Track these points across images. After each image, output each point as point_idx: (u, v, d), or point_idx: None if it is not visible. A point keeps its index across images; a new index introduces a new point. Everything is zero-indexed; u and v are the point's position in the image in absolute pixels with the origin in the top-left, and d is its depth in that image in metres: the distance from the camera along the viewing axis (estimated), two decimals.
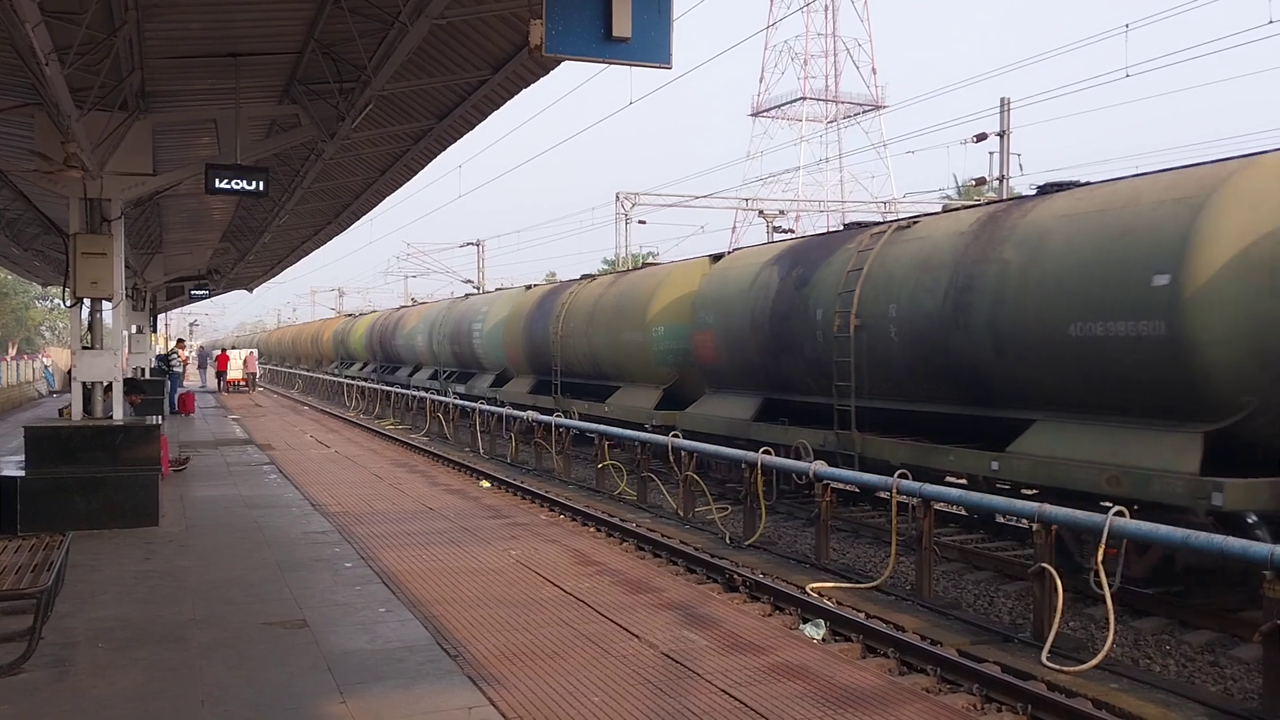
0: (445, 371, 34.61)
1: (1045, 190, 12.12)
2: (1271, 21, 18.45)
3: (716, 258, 19.53)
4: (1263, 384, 9.29)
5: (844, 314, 13.71)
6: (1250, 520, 9.42)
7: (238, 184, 13.22)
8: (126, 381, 16.55)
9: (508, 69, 12.33)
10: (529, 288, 29.83)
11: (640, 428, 18.54)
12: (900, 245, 13.52)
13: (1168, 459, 9.68)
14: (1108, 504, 9.38)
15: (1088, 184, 11.69)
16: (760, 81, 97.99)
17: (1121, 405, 10.40)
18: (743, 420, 16.35)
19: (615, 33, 6.80)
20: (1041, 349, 11.01)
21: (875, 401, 13.60)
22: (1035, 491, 11.12)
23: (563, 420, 20.17)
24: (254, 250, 30.37)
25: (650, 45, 7.00)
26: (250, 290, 51.88)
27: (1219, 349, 9.44)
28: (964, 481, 12.87)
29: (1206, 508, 9.19)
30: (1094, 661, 8.28)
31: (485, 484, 18.45)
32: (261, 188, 13.47)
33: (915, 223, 13.95)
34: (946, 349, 12.26)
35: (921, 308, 12.61)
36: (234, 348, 65.79)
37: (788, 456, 13.87)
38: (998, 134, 28.51)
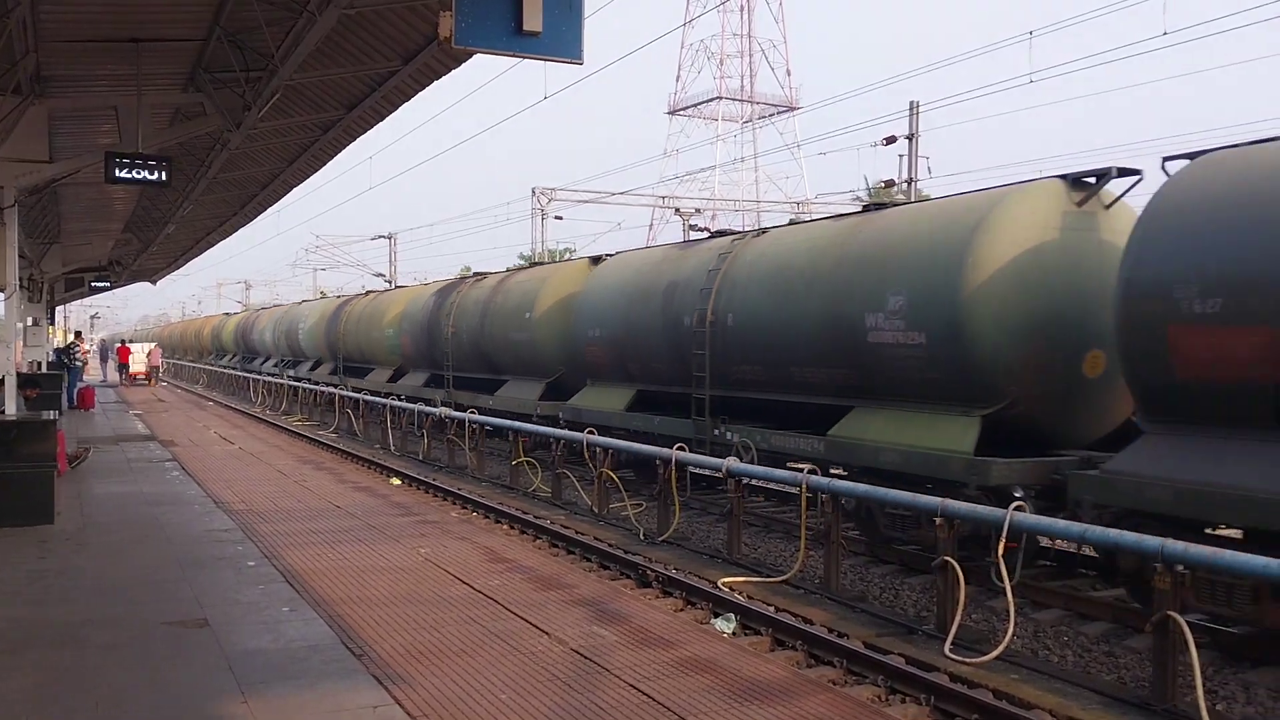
0: (284, 360, 44.63)
1: (523, 268, 23.84)
2: (1166, 33, 19.13)
3: (426, 285, 30.88)
4: (565, 360, 19.90)
5: (447, 326, 24.81)
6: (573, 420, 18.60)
7: (139, 173, 12.89)
8: (20, 375, 16.01)
9: (419, 60, 12.20)
10: (339, 297, 41.17)
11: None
12: (474, 290, 24.39)
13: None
14: (1020, 498, 9.64)
15: (539, 263, 24.83)
16: (677, 80, 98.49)
17: (522, 371, 21.59)
18: (418, 386, 26.98)
19: (526, 27, 6.76)
20: (503, 344, 22.02)
21: (460, 373, 24.55)
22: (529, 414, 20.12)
23: (476, 417, 20.05)
24: (157, 241, 29.66)
25: (561, 40, 6.97)
26: (154, 282, 50.72)
27: (547, 345, 20.34)
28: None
29: (536, 412, 19.84)
30: (995, 653, 8.48)
31: (395, 481, 18.23)
32: (164, 177, 13.16)
33: (483, 278, 24.87)
34: (480, 344, 23.14)
35: (474, 324, 23.35)
36: (133, 341, 64.66)
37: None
38: (907, 137, 29.01)
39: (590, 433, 15.64)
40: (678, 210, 44.61)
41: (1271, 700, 7.85)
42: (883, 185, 33.48)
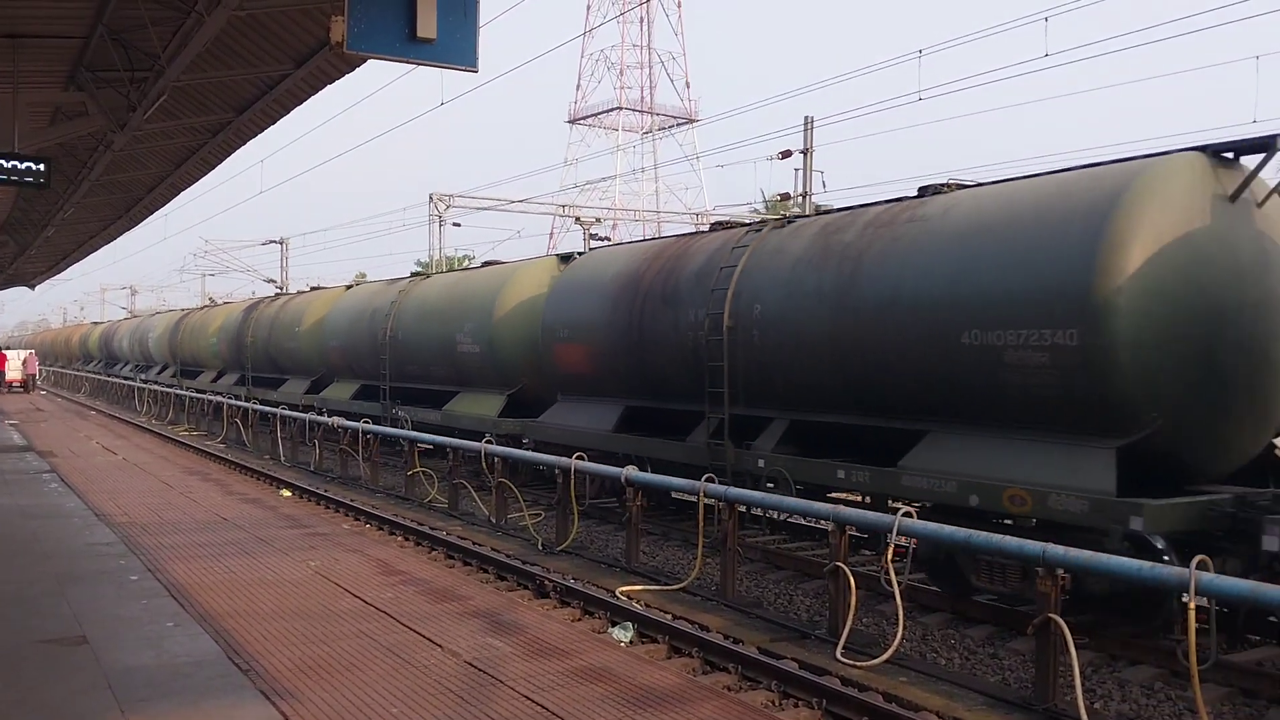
0: (138, 365, 49.61)
1: (303, 292, 30.59)
2: (1048, 54, 19.84)
3: (242, 302, 38.32)
4: (321, 363, 26.49)
5: (248, 336, 30.99)
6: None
7: (15, 174, 12.40)
8: None
9: (311, 64, 11.99)
10: (184, 310, 47.67)
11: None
12: (268, 308, 31.06)
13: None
14: (900, 506, 9.85)
15: (313, 289, 31.13)
16: (577, 89, 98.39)
17: (296, 371, 27.93)
18: (230, 384, 33.25)
19: (420, 33, 6.69)
20: (283, 351, 28.55)
21: (257, 373, 30.92)
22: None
23: (370, 426, 19.73)
24: (36, 244, 28.62)
25: (455, 48, 6.91)
26: (32, 287, 48.90)
27: (310, 352, 26.81)
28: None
29: (301, 403, 26.47)
30: (885, 656, 8.64)
31: (285, 493, 17.83)
32: (43, 179, 12.68)
33: (277, 298, 32.42)
34: (269, 350, 29.57)
35: (265, 335, 29.71)
36: (9, 347, 62.22)
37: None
38: (802, 151, 29.42)
39: (489, 441, 15.71)
40: (578, 220, 44.50)
41: (1144, 697, 8.16)
42: (779, 198, 33.93)
